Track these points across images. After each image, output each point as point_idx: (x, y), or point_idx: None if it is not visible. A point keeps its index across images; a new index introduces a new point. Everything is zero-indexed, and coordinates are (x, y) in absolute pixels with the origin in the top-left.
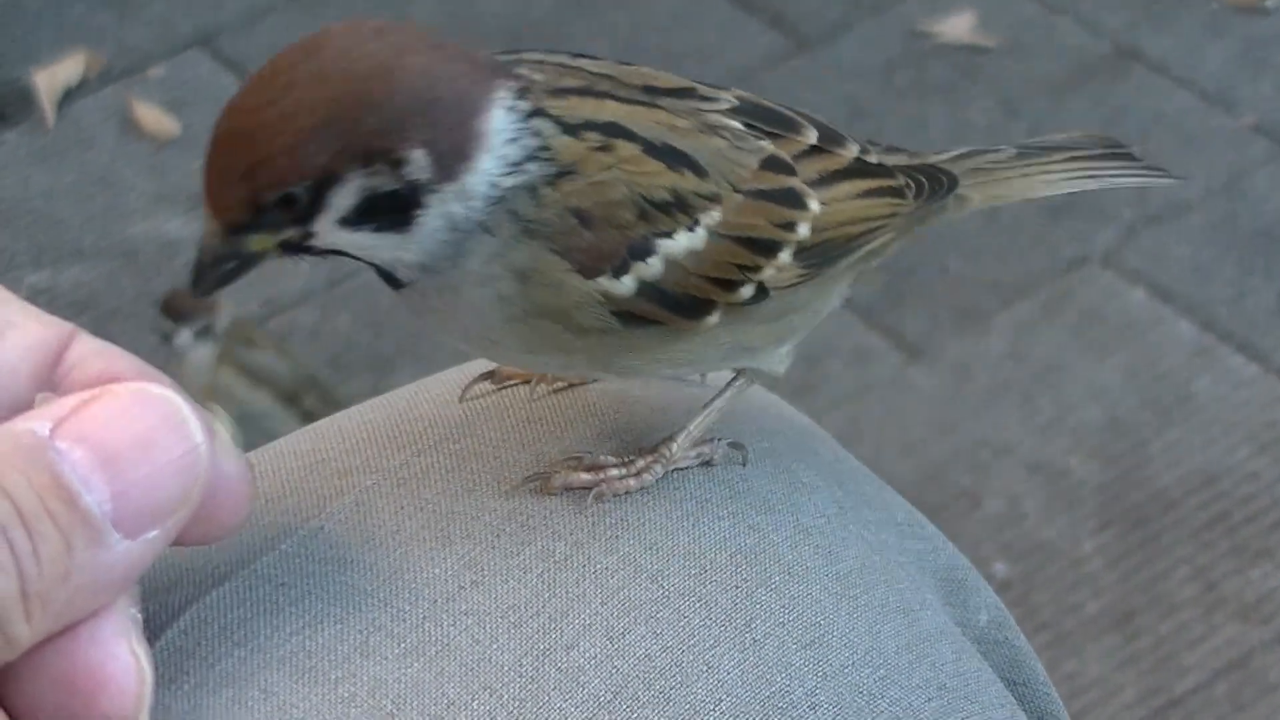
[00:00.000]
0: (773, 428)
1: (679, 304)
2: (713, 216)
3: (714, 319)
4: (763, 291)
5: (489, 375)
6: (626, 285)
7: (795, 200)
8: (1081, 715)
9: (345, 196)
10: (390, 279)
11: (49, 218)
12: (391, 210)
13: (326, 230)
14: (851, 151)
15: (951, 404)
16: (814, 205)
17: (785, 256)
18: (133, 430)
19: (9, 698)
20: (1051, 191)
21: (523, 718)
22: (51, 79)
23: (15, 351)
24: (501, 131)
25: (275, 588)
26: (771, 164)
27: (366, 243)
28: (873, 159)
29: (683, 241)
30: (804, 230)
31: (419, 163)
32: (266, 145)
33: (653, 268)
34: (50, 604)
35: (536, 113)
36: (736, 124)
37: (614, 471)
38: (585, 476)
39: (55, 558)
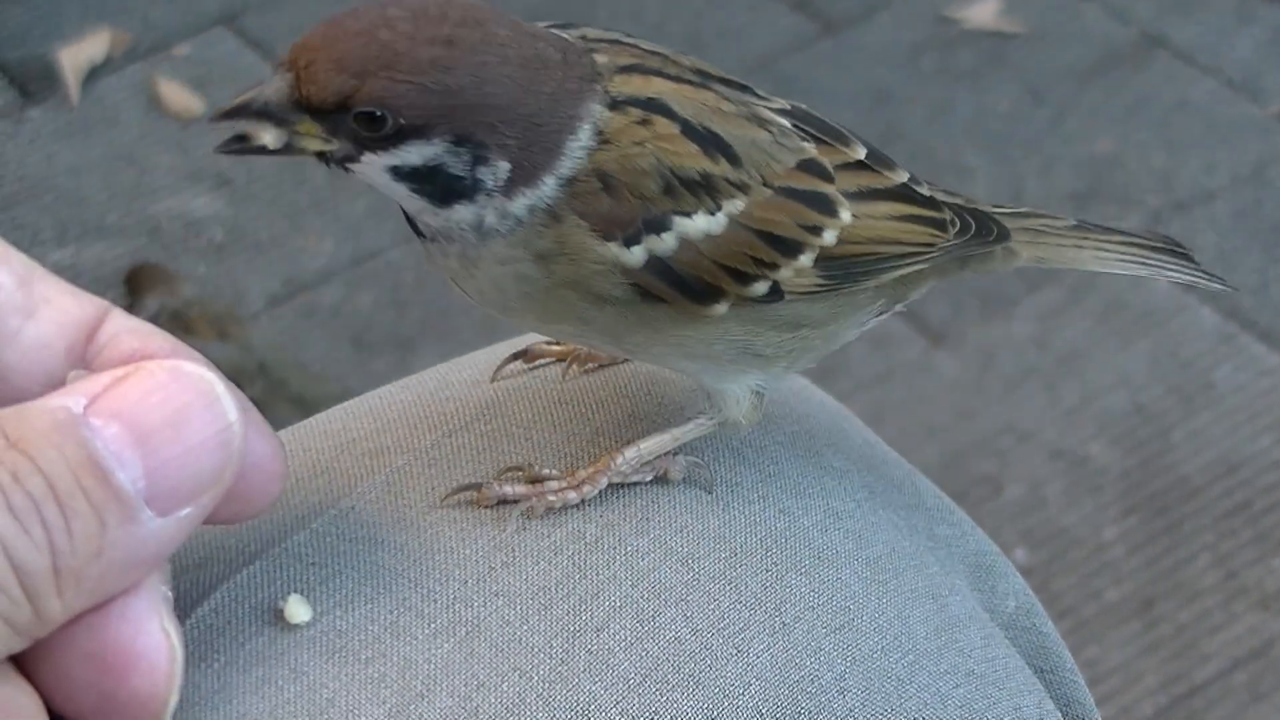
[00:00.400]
0: (803, 411)
1: (687, 285)
2: (736, 205)
3: (722, 308)
4: (777, 292)
5: (521, 354)
6: (636, 255)
7: (825, 205)
8: (1102, 702)
9: (417, 154)
10: (413, 223)
11: (73, 195)
12: (442, 184)
13: (375, 166)
14: (900, 176)
15: (974, 390)
16: (845, 215)
17: (806, 260)
18: (167, 408)
19: (40, 674)
20: (1101, 269)
21: (552, 699)
22: (76, 56)
23: (50, 328)
24: (576, 145)
25: (306, 566)
26: (809, 166)
27: (401, 192)
28: (923, 190)
29: (700, 223)
30: (830, 237)
31: (498, 170)
32: (399, 66)
33: (665, 243)
34: (82, 580)
35: (613, 106)
36: (785, 122)
37: (553, 484)
38: (521, 489)
39: (88, 534)
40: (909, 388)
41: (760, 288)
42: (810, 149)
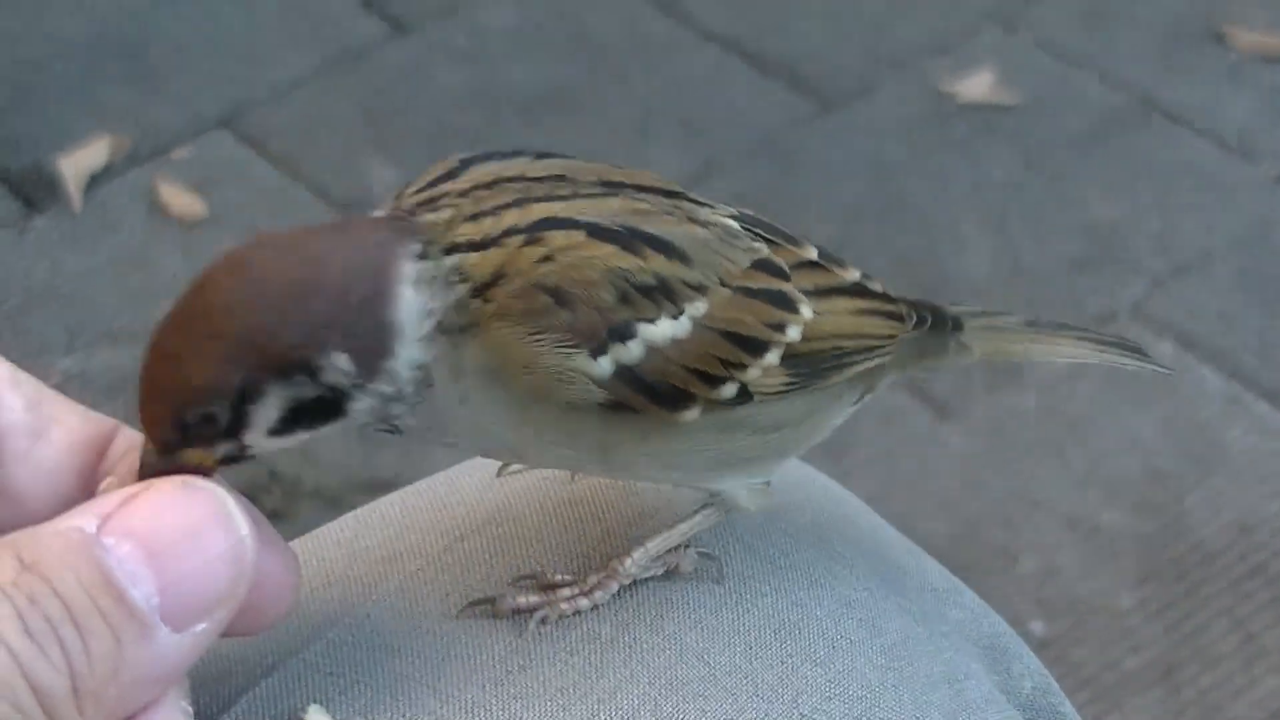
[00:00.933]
0: (809, 500)
1: (657, 393)
2: (698, 307)
3: (693, 414)
4: (746, 394)
5: None
6: (603, 367)
7: (786, 303)
8: None
9: (268, 409)
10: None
11: (79, 301)
12: (320, 409)
13: (258, 440)
14: (852, 274)
15: (984, 461)
16: (806, 311)
17: (772, 358)
18: (179, 524)
19: None
20: (1050, 359)
21: None
22: (77, 163)
23: (60, 448)
24: (412, 308)
25: (324, 677)
26: (764, 266)
27: (306, 438)
28: (876, 286)
29: (665, 328)
30: (794, 333)
31: (341, 365)
32: (184, 367)
33: (632, 352)
34: (101, 699)
35: (448, 251)
36: (731, 223)
37: (565, 591)
38: (534, 599)
39: (105, 654)
40: (917, 462)
41: (729, 390)
42: (762, 248)
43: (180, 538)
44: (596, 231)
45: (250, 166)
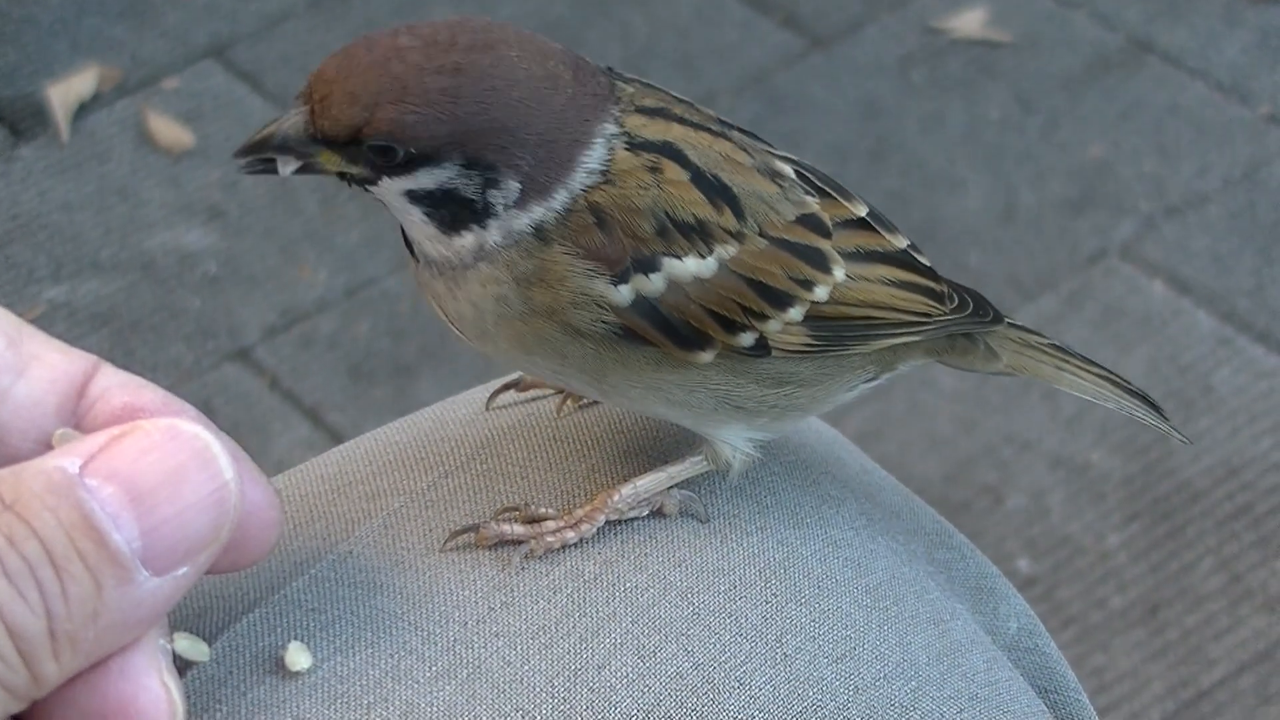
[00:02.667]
0: (798, 440)
1: (674, 329)
2: (728, 250)
3: (708, 356)
4: (763, 346)
5: (514, 384)
6: (623, 295)
7: (819, 261)
8: (1110, 709)
9: (430, 178)
10: (409, 245)
11: (66, 232)
12: (454, 207)
13: (392, 190)
14: (900, 241)
15: (974, 401)
16: (838, 273)
17: (795, 313)
18: (163, 467)
19: None
20: (1071, 391)
21: None
22: (65, 93)
23: (40, 385)
24: (589, 163)
25: (306, 613)
26: (808, 220)
27: (413, 217)
28: (923, 260)
29: (690, 265)
30: (821, 293)
31: (509, 190)
32: (408, 98)
33: (654, 284)
34: (79, 643)
35: (621, 133)
36: (791, 173)
37: (550, 524)
38: (520, 529)
39: (84, 597)
40: (909, 401)
41: (747, 338)
42: (812, 203)
43: (164, 480)
44: (699, 179)
45: (239, 97)
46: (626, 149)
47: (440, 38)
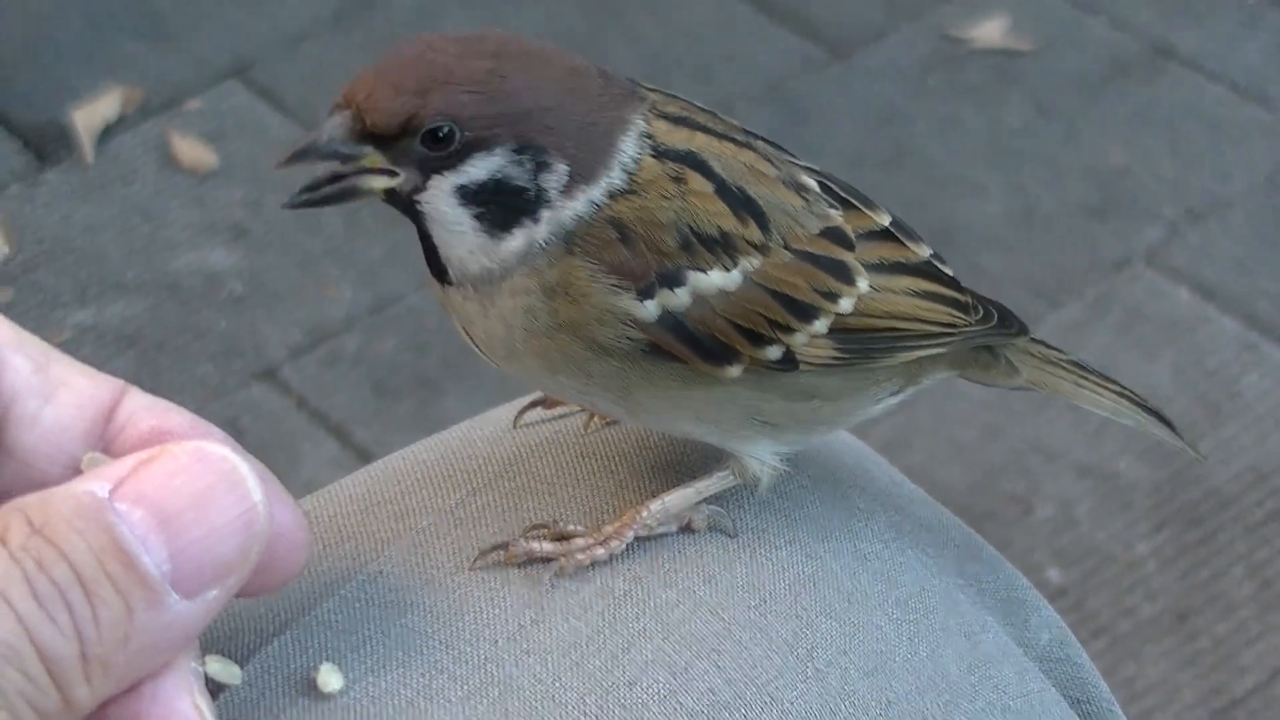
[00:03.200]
0: (826, 453)
1: (700, 344)
2: (752, 262)
3: (735, 370)
4: (790, 359)
5: (541, 401)
6: (649, 310)
7: (843, 272)
8: (1141, 718)
9: (483, 167)
10: (440, 271)
11: (92, 254)
12: (505, 201)
13: (443, 191)
14: (923, 251)
15: (1000, 409)
16: (862, 284)
17: (820, 326)
18: (191, 490)
19: None
20: (1090, 407)
21: None
22: (89, 116)
23: (68, 410)
24: (624, 154)
25: (337, 634)
26: (831, 234)
27: (462, 226)
28: (947, 270)
29: (715, 279)
30: (845, 305)
31: (559, 173)
32: (455, 80)
33: (679, 298)
34: (111, 666)
35: (648, 135)
36: (814, 185)
37: (580, 541)
38: (549, 546)
39: (114, 621)
40: (935, 411)
41: (773, 352)
42: (836, 215)
43: (193, 503)
44: (723, 190)
45: (262, 117)
46: (652, 155)
47: (469, 37)
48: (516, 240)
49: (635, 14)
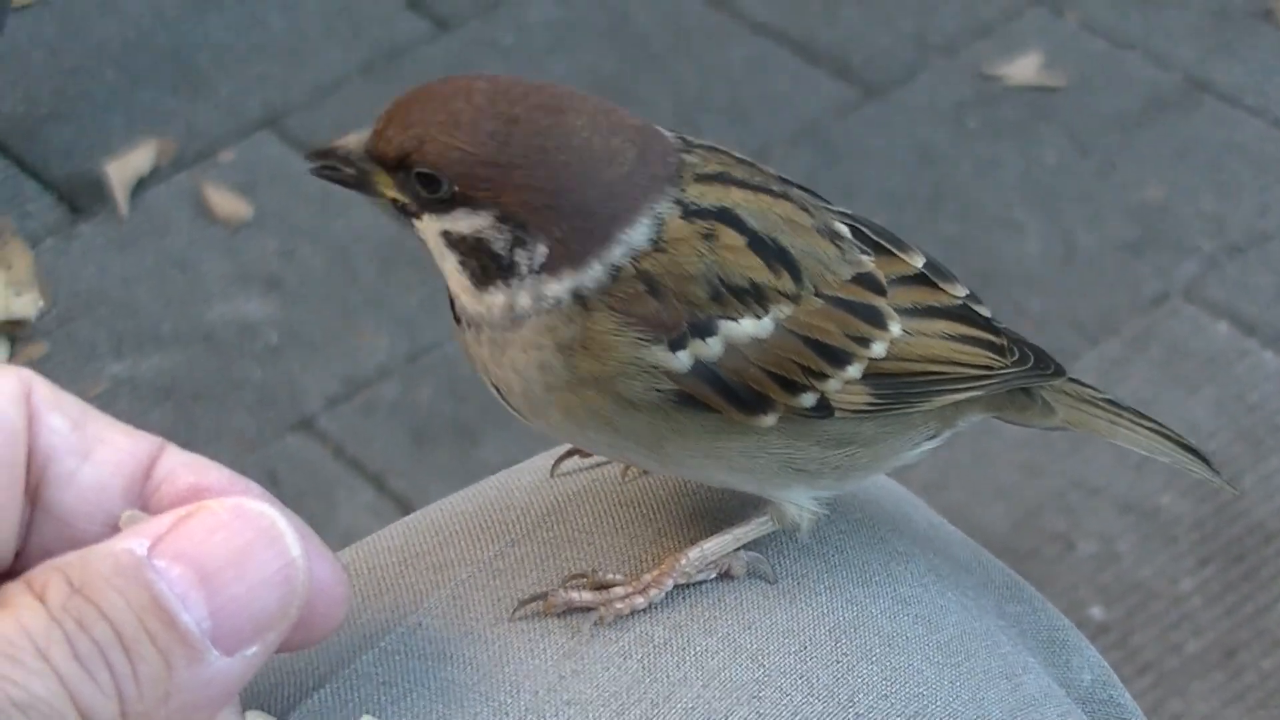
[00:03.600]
0: (864, 497)
1: (734, 393)
2: (783, 310)
3: (770, 419)
4: (825, 406)
5: (578, 450)
6: (682, 361)
7: (875, 317)
8: None
9: (465, 222)
10: (453, 309)
11: (127, 306)
12: (483, 259)
13: (432, 229)
14: (959, 292)
15: (1039, 446)
16: (894, 328)
17: (854, 371)
18: (230, 546)
19: None
20: (1126, 445)
21: None
22: (123, 169)
23: (106, 468)
24: (632, 239)
25: (377, 687)
26: (863, 280)
27: (451, 262)
28: (983, 311)
29: (748, 327)
30: (878, 349)
31: (535, 253)
32: (457, 134)
33: (712, 348)
34: None
35: (676, 204)
36: (847, 231)
37: (619, 590)
38: (588, 596)
39: (155, 679)
40: (974, 450)
41: (808, 399)
42: (868, 262)
43: (232, 560)
44: (756, 243)
45: (295, 167)
46: (681, 218)
47: (514, 91)
48: (498, 298)
49: (671, 58)
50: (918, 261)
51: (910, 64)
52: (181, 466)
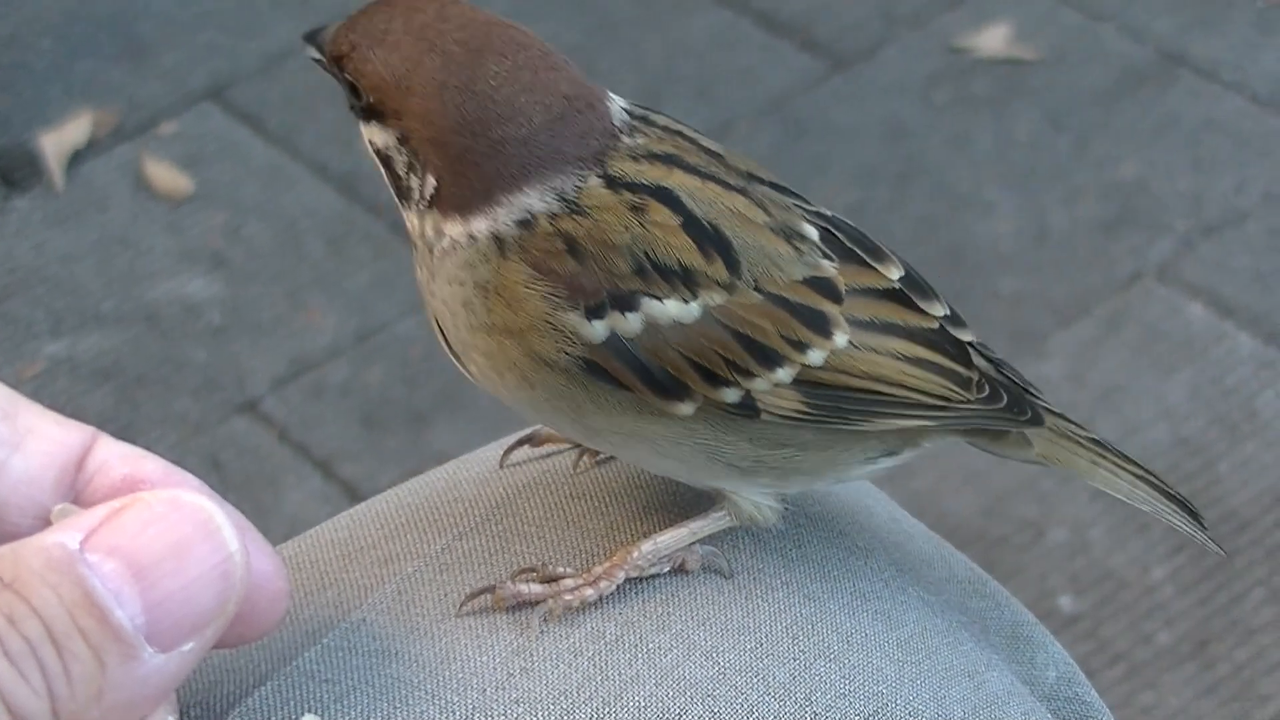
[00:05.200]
0: (824, 490)
1: (650, 374)
2: (714, 298)
3: (687, 408)
4: (751, 405)
5: (528, 439)
6: (597, 330)
7: (819, 324)
8: None
9: (378, 135)
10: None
11: (65, 284)
12: (390, 176)
13: (364, 133)
14: (937, 310)
15: None
16: (840, 339)
17: (784, 375)
18: (165, 540)
19: None
20: (1104, 488)
21: None
22: (59, 141)
23: (37, 459)
24: (532, 196)
25: (319, 684)
26: (816, 283)
27: (381, 170)
28: (965, 336)
29: (671, 309)
30: (815, 356)
31: (425, 183)
32: (381, 47)
33: (631, 324)
34: None
35: (596, 175)
36: (814, 233)
37: (568, 582)
38: (537, 589)
39: (87, 677)
40: None
41: (730, 394)
42: (829, 268)
43: (167, 554)
44: (691, 225)
45: (240, 140)
46: (605, 189)
47: (455, 19)
48: (412, 220)
49: (636, 31)
50: (894, 274)
51: (878, 36)
52: (115, 457)
